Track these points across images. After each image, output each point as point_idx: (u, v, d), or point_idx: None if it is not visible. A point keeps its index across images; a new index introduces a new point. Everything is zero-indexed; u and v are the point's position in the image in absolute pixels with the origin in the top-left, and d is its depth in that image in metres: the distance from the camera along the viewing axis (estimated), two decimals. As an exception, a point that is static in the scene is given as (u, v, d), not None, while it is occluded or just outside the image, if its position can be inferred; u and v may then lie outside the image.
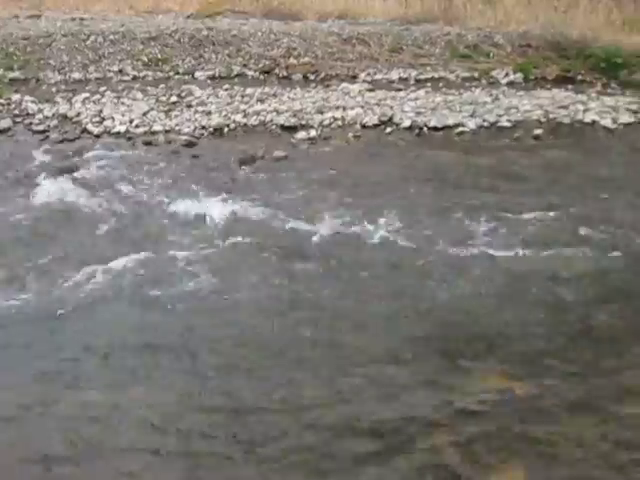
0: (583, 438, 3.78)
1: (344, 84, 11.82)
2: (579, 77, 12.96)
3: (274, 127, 9.60)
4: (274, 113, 10.01)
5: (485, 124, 9.87)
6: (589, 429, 3.85)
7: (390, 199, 6.95)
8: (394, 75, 12.65)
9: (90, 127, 9.43)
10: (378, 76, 12.63)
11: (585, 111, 10.55)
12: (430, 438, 3.77)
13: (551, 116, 10.29)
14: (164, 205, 6.89)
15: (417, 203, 6.87)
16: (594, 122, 10.19)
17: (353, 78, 12.51)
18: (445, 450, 3.69)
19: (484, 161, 8.40)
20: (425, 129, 9.59)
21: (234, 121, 9.73)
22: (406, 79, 12.54)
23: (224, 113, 9.98)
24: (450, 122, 9.77)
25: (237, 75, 12.50)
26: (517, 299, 5.20)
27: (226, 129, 9.53)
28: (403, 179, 7.68)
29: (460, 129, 9.61)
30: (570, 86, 12.31)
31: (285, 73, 12.76)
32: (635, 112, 10.64)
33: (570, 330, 4.78)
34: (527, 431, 3.84)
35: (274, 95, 10.98)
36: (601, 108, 10.71)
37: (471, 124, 9.78)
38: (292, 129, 9.51)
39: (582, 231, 6.29)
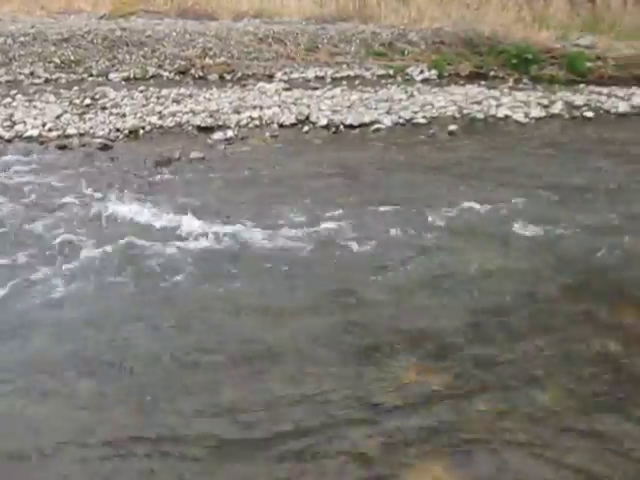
0: (501, 428, 3.83)
1: (261, 83, 11.83)
2: (492, 73, 13.26)
3: (190, 128, 9.52)
4: (190, 114, 9.93)
5: (401, 121, 9.99)
6: (507, 418, 3.91)
7: (306, 197, 6.95)
8: (310, 74, 12.72)
9: (0, 132, 9.19)
10: (295, 75, 12.69)
11: (498, 106, 10.79)
12: (350, 435, 3.76)
13: (465, 112, 10.49)
14: (76, 209, 6.73)
15: (334, 200, 6.88)
16: (507, 117, 10.44)
17: (270, 77, 12.54)
18: (365, 447, 3.69)
19: (400, 157, 8.48)
20: (342, 127, 9.64)
21: (150, 123, 9.60)
22: (322, 78, 12.62)
23: (139, 115, 9.84)
24: (366, 119, 9.85)
25: (152, 76, 12.38)
26: (433, 292, 5.24)
27: (142, 131, 9.39)
28: (320, 177, 7.69)
29: (376, 126, 9.69)
30: (483, 82, 12.58)
31: (201, 73, 12.70)
32: (546, 106, 10.94)
33: (484, 321, 4.84)
34: (446, 424, 3.85)
35: (190, 96, 10.91)
36: (513, 103, 10.98)
37: (387, 121, 9.87)
38: (209, 130, 9.44)
39: (497, 224, 6.40)
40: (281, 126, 9.66)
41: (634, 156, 8.71)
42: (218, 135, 9.21)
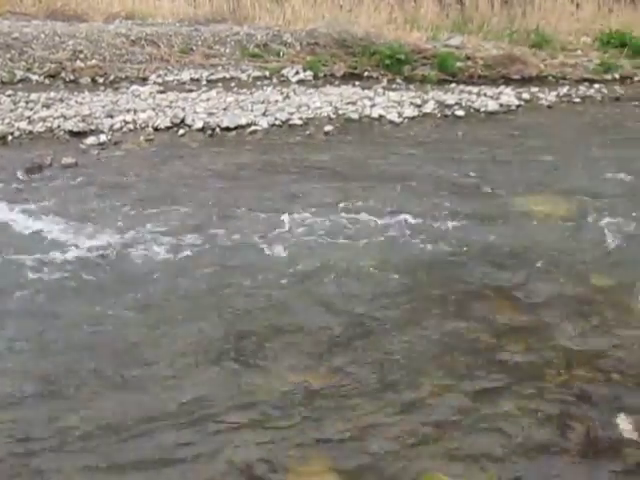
0: (381, 424, 3.89)
1: (134, 86, 11.60)
2: (366, 73, 13.41)
3: (62, 133, 9.24)
4: (62, 119, 9.64)
5: (277, 122, 9.99)
6: (386, 414, 3.97)
7: (181, 201, 6.89)
8: (185, 76, 12.56)
9: None
10: (169, 77, 12.50)
11: (372, 106, 10.93)
12: (232, 441, 3.75)
13: (340, 112, 10.57)
14: None
15: (209, 203, 6.85)
16: (381, 116, 10.58)
17: (144, 80, 12.31)
18: (248, 451, 3.68)
19: (277, 159, 8.50)
20: (218, 129, 9.57)
21: (18, 128, 9.26)
22: (198, 80, 12.48)
23: (7, 120, 9.46)
24: (242, 121, 9.81)
25: (20, 80, 11.93)
26: (308, 293, 5.28)
27: (10, 137, 9.04)
28: (196, 181, 7.62)
29: (252, 128, 9.67)
30: (358, 82, 12.71)
31: (72, 77, 12.33)
32: (418, 106, 11.16)
33: (361, 319, 4.91)
34: (327, 424, 3.89)
35: (61, 100, 10.57)
36: (387, 103, 11.14)
37: (263, 123, 9.86)
38: (81, 135, 9.19)
39: (371, 221, 6.51)
40: (156, 129, 9.51)
41: (503, 152, 9.02)
42: (91, 140, 8.98)
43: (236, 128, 9.66)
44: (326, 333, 4.74)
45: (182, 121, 9.77)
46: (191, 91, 11.46)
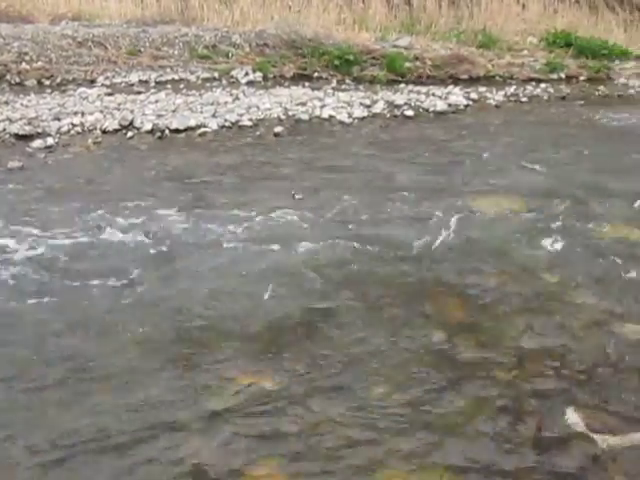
0: (333, 425, 3.88)
1: (82, 88, 11.49)
2: (315, 74, 13.45)
3: (7, 136, 9.06)
4: (7, 122, 9.46)
5: (227, 124, 9.95)
6: (338, 416, 3.96)
7: (129, 204, 6.82)
8: (134, 78, 12.46)
9: None
10: (117, 79, 12.38)
11: (322, 107, 10.96)
12: (181, 444, 3.72)
13: (290, 113, 10.58)
14: None
15: (158, 205, 6.80)
16: (331, 117, 10.61)
17: (91, 82, 12.20)
18: (198, 453, 3.65)
19: (226, 160, 8.46)
20: (167, 132, 9.49)
21: (-38, 132, 9.14)
22: (146, 81, 12.39)
23: (-50, 124, 9.34)
24: (192, 123, 9.74)
25: (-37, 83, 11.76)
26: (253, 295, 5.25)
27: (-46, 141, 8.92)
28: (144, 183, 7.56)
29: (202, 130, 9.61)
30: (307, 83, 12.75)
31: (17, 79, 12.15)
32: (368, 106, 11.23)
33: (312, 320, 4.89)
34: (278, 425, 3.88)
35: (6, 103, 10.42)
36: (337, 104, 11.18)
37: (213, 124, 9.81)
38: (27, 138, 9.03)
39: (320, 221, 6.52)
40: (104, 132, 9.40)
41: (452, 152, 9.11)
42: (38, 143, 8.84)
43: (185, 130, 9.60)
44: (275, 334, 4.73)
45: (131, 123, 9.67)
46: (140, 93, 11.38)
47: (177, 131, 9.55)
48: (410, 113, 11.13)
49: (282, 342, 4.65)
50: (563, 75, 14.83)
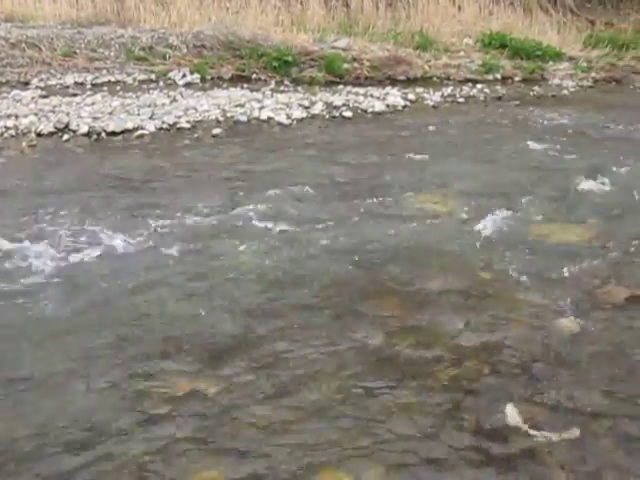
0: (275, 429, 3.87)
1: (15, 91, 11.28)
2: (254, 76, 13.43)
3: (-64, 139, 8.90)
4: (-62, 125, 9.30)
5: (165, 126, 9.87)
6: (281, 419, 3.95)
7: (65, 208, 6.71)
8: (69, 80, 12.27)
9: None
10: (52, 82, 12.18)
11: (261, 108, 10.95)
12: (122, 451, 3.67)
13: (229, 115, 10.55)
14: None
15: (93, 209, 6.71)
16: (270, 119, 10.61)
17: (25, 84, 11.98)
18: (139, 462, 3.61)
19: (164, 163, 8.38)
20: (104, 134, 9.38)
21: None
22: (82, 84, 12.22)
23: None
24: (129, 126, 9.64)
25: None
26: (194, 299, 5.21)
27: None
28: (80, 186, 7.44)
29: (139, 132, 9.52)
30: (246, 85, 12.72)
31: (-52, 82, 11.92)
32: (307, 107, 11.26)
33: (251, 324, 4.87)
34: (221, 430, 3.85)
35: (-63, 105, 10.22)
36: (275, 105, 11.18)
37: (150, 127, 9.73)
38: (-41, 141, 8.88)
39: (258, 224, 6.50)
40: (39, 135, 9.25)
41: (390, 152, 9.17)
42: (-31, 146, 8.69)
43: (122, 132, 9.50)
44: (216, 339, 4.70)
45: (66, 126, 9.53)
46: (75, 95, 11.23)
47: (114, 134, 9.44)
48: (349, 114, 11.19)
49: (221, 347, 4.62)
50: (499, 76, 15.05)
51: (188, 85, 12.53)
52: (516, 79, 15.12)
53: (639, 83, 16.02)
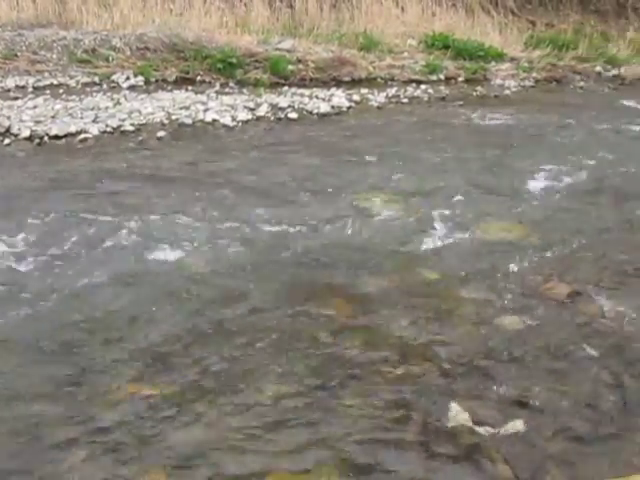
0: (222, 431, 3.86)
1: (-46, 95, 11.09)
2: (198, 78, 13.36)
3: None
4: None
5: (108, 129, 9.77)
6: (228, 420, 3.95)
7: (6, 214, 6.62)
8: (10, 83, 12.06)
9: None
10: (-8, 85, 12.00)
11: (206, 111, 10.91)
12: (66, 459, 3.63)
13: (174, 117, 10.49)
14: None
15: (35, 215, 6.62)
16: (215, 121, 10.58)
17: (-36, 88, 11.78)
18: (84, 469, 3.57)
19: (108, 166, 8.29)
20: (46, 138, 9.25)
21: None
22: (23, 87, 12.02)
23: None
24: (72, 129, 9.52)
25: None
26: (138, 301, 5.18)
27: None
28: (22, 192, 7.34)
29: (83, 136, 9.41)
30: (190, 87, 12.65)
31: None
32: (252, 109, 11.25)
33: (195, 326, 4.85)
34: (167, 434, 3.83)
35: None
36: (220, 107, 11.15)
37: (94, 130, 9.61)
38: None
39: (207, 227, 6.49)
40: (-21, 140, 9.11)
41: (336, 153, 9.22)
42: None
43: (66, 136, 9.37)
44: (162, 341, 4.67)
45: (7, 130, 9.38)
46: (16, 99, 11.04)
47: (57, 137, 9.31)
48: (294, 116, 11.21)
49: (168, 350, 4.60)
50: (442, 76, 15.21)
51: (132, 88, 12.42)
52: (459, 79, 15.29)
53: (579, 83, 16.35)
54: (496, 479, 3.58)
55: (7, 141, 9.09)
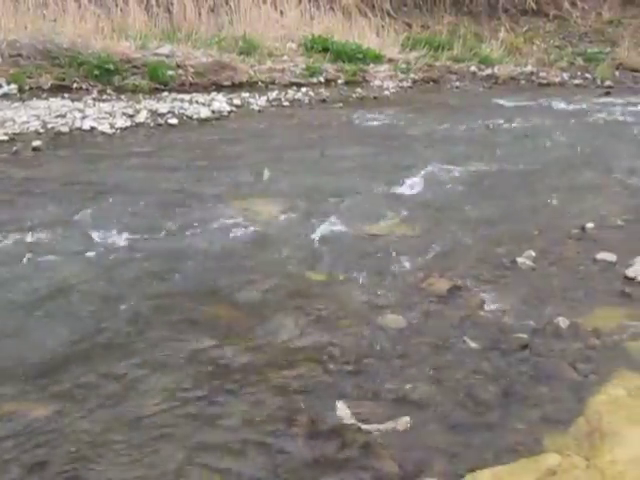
0: (108, 446, 3.75)
1: None
2: (75, 85, 13.13)
3: None
4: None
5: (-21, 140, 9.47)
6: (113, 435, 3.84)
7: None
8: None
9: None
10: None
11: (83, 118, 10.74)
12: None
13: (50, 126, 10.25)
14: None
15: None
16: (93, 128, 10.41)
17: None
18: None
19: (-22, 179, 8.03)
20: None
21: None
22: None
23: None
24: (-63, 141, 9.19)
25: None
26: (28, 317, 5.02)
27: None
28: None
29: (-48, 147, 9.10)
30: (67, 94, 12.42)
31: None
32: (131, 116, 11.11)
33: (83, 341, 4.72)
34: (51, 454, 3.70)
35: None
36: (98, 114, 10.99)
37: (-37, 141, 9.31)
38: None
39: (87, 238, 6.34)
40: None
41: (217, 157, 9.18)
42: None
43: None
44: (46, 359, 4.53)
45: None
46: None
47: None
48: (174, 121, 11.13)
49: (54, 367, 4.46)
50: (322, 79, 15.39)
51: (5, 96, 12.08)
52: (339, 82, 15.49)
53: (455, 82, 16.81)
54: (383, 476, 3.61)
55: None
